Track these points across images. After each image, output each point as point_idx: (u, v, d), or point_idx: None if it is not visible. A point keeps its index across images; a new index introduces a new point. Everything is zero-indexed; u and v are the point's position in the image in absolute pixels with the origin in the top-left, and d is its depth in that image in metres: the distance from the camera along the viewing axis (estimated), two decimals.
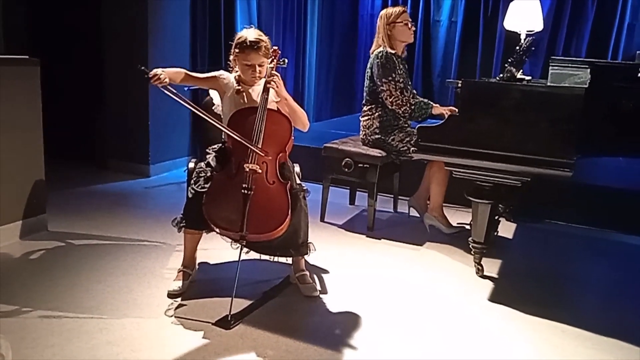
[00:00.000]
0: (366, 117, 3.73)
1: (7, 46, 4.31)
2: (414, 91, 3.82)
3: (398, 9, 3.69)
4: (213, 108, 2.85)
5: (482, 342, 2.38)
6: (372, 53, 3.71)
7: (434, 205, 3.64)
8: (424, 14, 6.50)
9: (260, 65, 2.61)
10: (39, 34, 4.87)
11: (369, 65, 3.70)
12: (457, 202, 4.01)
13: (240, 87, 2.68)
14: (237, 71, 2.69)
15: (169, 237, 3.31)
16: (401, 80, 3.58)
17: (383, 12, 3.71)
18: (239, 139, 2.48)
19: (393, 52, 3.62)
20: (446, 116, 3.07)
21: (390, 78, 3.54)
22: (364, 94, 3.76)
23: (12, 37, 4.49)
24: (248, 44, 2.57)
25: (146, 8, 4.59)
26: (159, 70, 2.41)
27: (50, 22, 4.96)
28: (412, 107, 3.55)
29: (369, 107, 3.71)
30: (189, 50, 5.04)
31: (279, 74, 2.63)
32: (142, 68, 2.37)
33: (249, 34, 2.61)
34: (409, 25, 3.66)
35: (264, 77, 2.63)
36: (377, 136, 3.66)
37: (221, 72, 2.73)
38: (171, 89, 2.42)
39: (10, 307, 2.44)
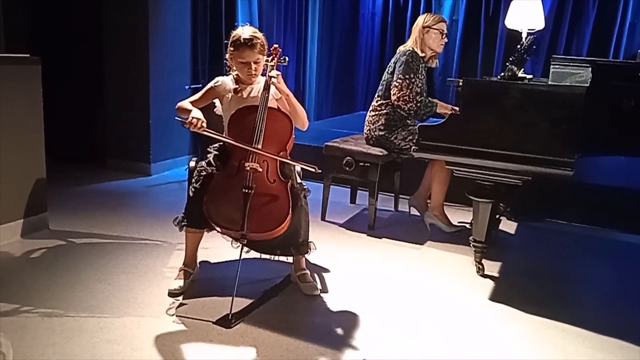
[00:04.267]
0: (374, 113, 3.72)
1: (8, 46, 4.31)
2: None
3: (437, 16, 3.71)
4: (215, 110, 2.84)
5: (482, 342, 2.38)
6: (400, 49, 3.71)
7: (434, 204, 3.63)
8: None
9: (256, 62, 2.61)
10: (39, 34, 4.87)
11: (393, 60, 3.69)
12: (458, 201, 4.01)
13: (237, 87, 2.67)
14: (234, 70, 2.69)
15: (169, 235, 3.31)
16: (420, 84, 3.58)
17: (423, 15, 3.74)
18: (239, 145, 2.48)
19: (422, 55, 3.62)
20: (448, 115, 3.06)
21: (407, 77, 3.53)
22: (380, 87, 3.74)
23: (13, 36, 4.49)
24: (242, 41, 2.57)
25: (147, 7, 4.59)
26: (194, 119, 2.45)
27: (51, 21, 4.96)
28: (418, 104, 3.54)
29: (380, 102, 3.69)
30: (189, 49, 5.04)
31: (279, 72, 2.62)
32: (179, 119, 2.49)
33: (244, 31, 2.60)
34: (443, 35, 3.66)
35: (265, 74, 2.62)
36: (380, 133, 3.66)
37: (215, 80, 2.72)
38: (208, 130, 2.48)
39: (10, 305, 2.44)
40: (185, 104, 2.59)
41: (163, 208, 3.90)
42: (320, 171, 2.52)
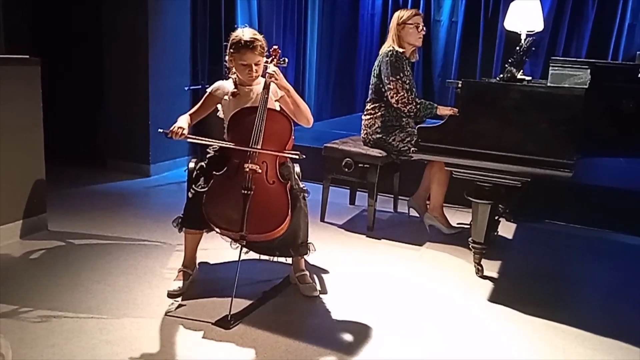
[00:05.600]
0: (368, 116, 3.73)
1: (8, 46, 4.31)
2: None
3: (412, 11, 3.69)
4: (217, 114, 2.84)
5: (481, 342, 2.38)
6: (382, 51, 3.71)
7: (434, 206, 3.64)
8: (425, 14, 6.48)
9: (256, 65, 2.61)
10: (39, 34, 4.87)
11: (377, 63, 3.69)
12: (457, 202, 4.01)
13: (235, 90, 2.68)
14: (234, 72, 2.69)
15: (169, 236, 3.31)
16: (407, 81, 3.59)
17: (397, 12, 3.72)
18: (238, 147, 2.49)
19: (402, 51, 3.62)
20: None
21: (398, 77, 3.54)
22: (369, 91, 3.75)
23: (13, 37, 4.49)
24: (243, 43, 2.57)
25: (147, 8, 4.59)
26: (175, 127, 2.52)
27: (51, 22, 4.96)
28: (418, 106, 3.55)
29: (373, 105, 3.70)
30: (189, 50, 5.04)
31: (278, 69, 2.63)
32: (161, 131, 2.54)
33: (244, 33, 2.60)
34: (419, 28, 3.64)
35: (264, 75, 2.63)
36: (378, 135, 3.66)
37: (213, 86, 2.74)
38: (190, 136, 2.55)
39: (10, 306, 2.44)
40: (182, 117, 2.63)
41: (162, 209, 3.90)
42: (304, 157, 2.50)
